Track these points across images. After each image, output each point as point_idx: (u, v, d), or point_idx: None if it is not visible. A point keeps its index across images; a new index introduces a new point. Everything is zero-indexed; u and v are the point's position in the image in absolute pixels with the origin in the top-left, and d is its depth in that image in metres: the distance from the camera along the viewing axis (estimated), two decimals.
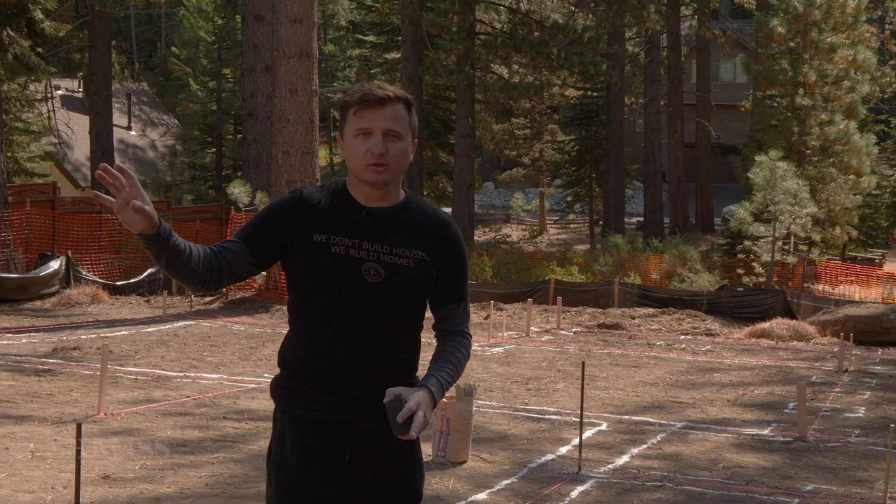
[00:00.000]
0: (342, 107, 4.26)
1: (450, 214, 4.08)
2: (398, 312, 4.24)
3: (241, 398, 12.98)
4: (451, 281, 4.37)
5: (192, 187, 47.68)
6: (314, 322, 4.17)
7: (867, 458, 10.99)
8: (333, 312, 4.15)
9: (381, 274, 4.17)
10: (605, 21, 42.07)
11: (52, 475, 9.02)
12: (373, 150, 4.20)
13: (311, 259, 4.15)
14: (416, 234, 4.29)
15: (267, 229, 4.20)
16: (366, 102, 4.21)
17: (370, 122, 4.21)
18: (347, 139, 4.24)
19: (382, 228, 4.24)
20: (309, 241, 4.16)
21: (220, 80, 44.15)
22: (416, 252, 4.26)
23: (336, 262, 4.15)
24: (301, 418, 4.15)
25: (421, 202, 4.38)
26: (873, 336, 21.54)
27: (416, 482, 4.33)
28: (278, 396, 4.25)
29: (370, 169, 4.20)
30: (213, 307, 23.49)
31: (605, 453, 10.75)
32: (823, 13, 36.10)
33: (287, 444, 4.17)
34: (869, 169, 37.01)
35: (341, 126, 4.29)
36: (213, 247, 4.19)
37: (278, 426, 4.23)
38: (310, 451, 4.13)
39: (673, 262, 31.61)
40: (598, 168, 51.54)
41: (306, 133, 24.20)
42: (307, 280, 4.17)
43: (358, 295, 4.16)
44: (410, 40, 39.46)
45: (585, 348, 19.17)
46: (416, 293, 4.29)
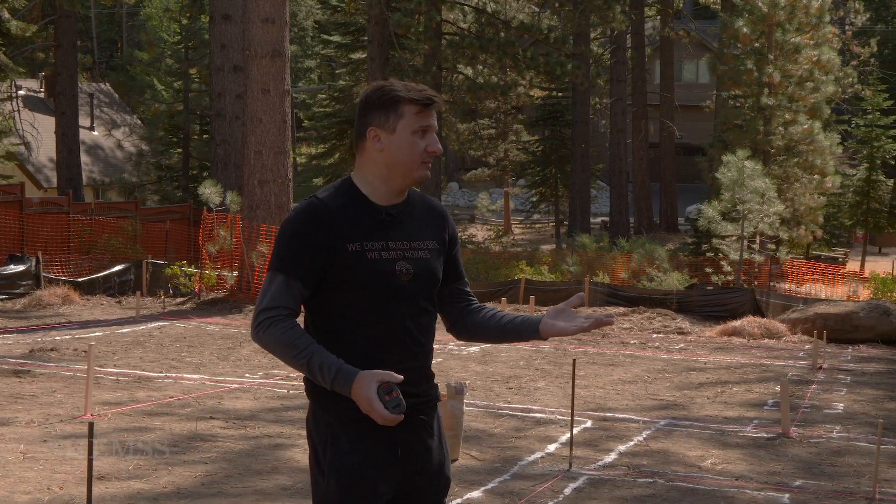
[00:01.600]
0: (390, 100, 4.23)
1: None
2: (427, 305, 4.36)
3: (226, 398, 12.98)
4: (455, 260, 4.52)
5: (158, 188, 47.47)
6: (356, 328, 4.21)
7: (850, 454, 11.12)
8: (374, 316, 4.21)
9: (410, 271, 4.25)
10: (570, 21, 42.23)
11: (47, 476, 9.01)
12: (432, 149, 4.26)
13: (349, 269, 4.18)
14: (424, 225, 4.39)
15: (313, 256, 4.17)
16: (430, 101, 4.25)
17: (429, 120, 4.27)
18: (402, 134, 4.23)
19: (399, 226, 4.31)
20: (344, 251, 4.18)
21: (187, 81, 44.00)
22: (429, 242, 4.37)
23: (374, 269, 4.19)
24: (352, 418, 4.18)
25: (412, 191, 4.45)
26: (843, 334, 21.70)
27: (447, 466, 4.46)
28: (322, 398, 4.26)
29: (424, 167, 4.26)
30: (185, 308, 23.42)
31: (592, 451, 10.82)
32: (788, 14, 36.33)
33: (342, 444, 4.20)
34: (833, 169, 37.29)
35: (385, 118, 4.25)
36: (290, 308, 4.18)
37: (325, 427, 4.25)
38: (368, 450, 4.20)
39: (641, 262, 31.75)
40: (564, 168, 51.72)
41: (278, 133, 24.16)
42: (347, 289, 4.20)
43: (395, 295, 4.23)
44: (377, 40, 39.44)
45: (560, 347, 19.25)
46: (437, 282, 4.41)
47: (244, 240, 24.05)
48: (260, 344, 4.20)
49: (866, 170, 46.87)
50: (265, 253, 23.64)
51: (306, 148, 66.66)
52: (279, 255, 4.22)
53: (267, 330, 4.14)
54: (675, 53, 58.90)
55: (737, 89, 39.07)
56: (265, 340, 4.17)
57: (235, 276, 24.38)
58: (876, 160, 46.95)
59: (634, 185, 53.02)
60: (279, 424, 11.47)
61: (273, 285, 4.19)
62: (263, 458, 9.95)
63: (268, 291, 4.20)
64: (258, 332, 4.18)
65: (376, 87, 4.31)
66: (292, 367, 4.17)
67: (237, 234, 24.47)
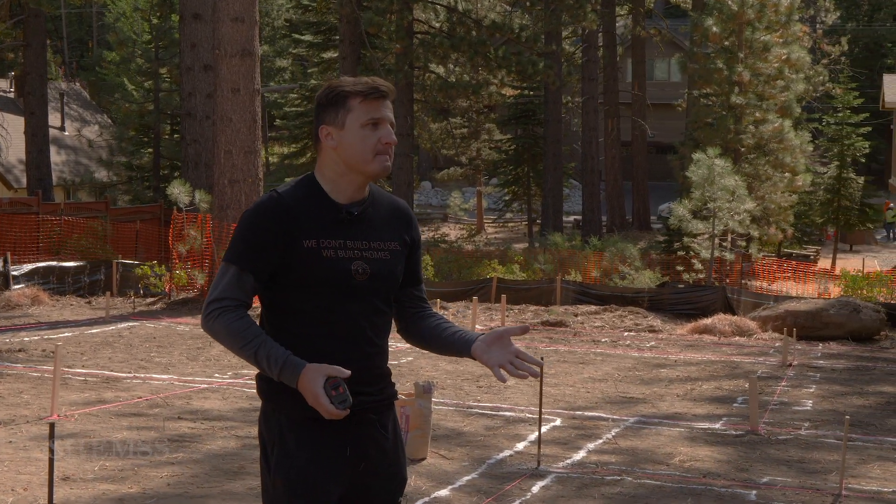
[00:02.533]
0: (337, 97, 4.23)
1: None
2: (382, 305, 4.34)
3: (194, 398, 12.92)
4: (414, 264, 4.49)
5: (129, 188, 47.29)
6: (310, 325, 4.19)
7: (819, 450, 11.15)
8: (328, 314, 4.18)
9: (367, 271, 4.23)
10: (542, 20, 42.28)
11: (11, 477, 8.94)
12: (385, 140, 4.23)
13: (303, 266, 4.15)
14: (386, 226, 4.36)
15: (266, 250, 4.16)
16: (378, 93, 4.22)
17: (379, 112, 4.23)
18: (352, 129, 4.21)
19: (359, 225, 4.28)
20: (299, 247, 4.15)
21: (157, 80, 43.86)
22: (390, 243, 4.34)
23: (329, 266, 4.17)
24: (301, 417, 4.17)
25: (378, 191, 4.43)
26: (813, 331, 21.77)
27: (403, 465, 4.44)
28: (273, 396, 4.25)
29: (379, 159, 4.22)
30: (155, 308, 23.33)
31: (561, 449, 10.82)
32: (757, 12, 36.44)
33: (290, 444, 4.18)
34: (804, 167, 37.45)
35: (335, 115, 4.24)
36: (239, 300, 4.17)
37: (275, 426, 4.23)
38: (315, 449, 4.17)
39: (613, 260, 31.81)
40: (536, 167, 51.77)
41: (249, 132, 24.08)
42: (301, 286, 4.17)
43: (349, 295, 4.20)
44: (348, 39, 39.38)
45: (532, 346, 19.24)
46: (395, 284, 4.39)
47: (214, 239, 23.97)
48: (209, 332, 4.20)
49: (837, 168, 47.06)
50: None
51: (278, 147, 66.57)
52: (234, 247, 4.20)
53: (216, 319, 4.13)
54: (647, 52, 59.03)
55: (708, 88, 39.19)
56: (214, 329, 4.16)
57: (206, 276, 24.28)
58: (846, 158, 47.15)
59: (607, 183, 53.11)
60: (248, 424, 11.43)
61: (226, 277, 4.18)
62: (232, 458, 9.91)
63: (220, 282, 4.18)
64: (207, 321, 4.18)
65: (326, 87, 4.32)
66: (241, 357, 4.16)
67: (207, 234, 24.38)
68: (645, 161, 55.63)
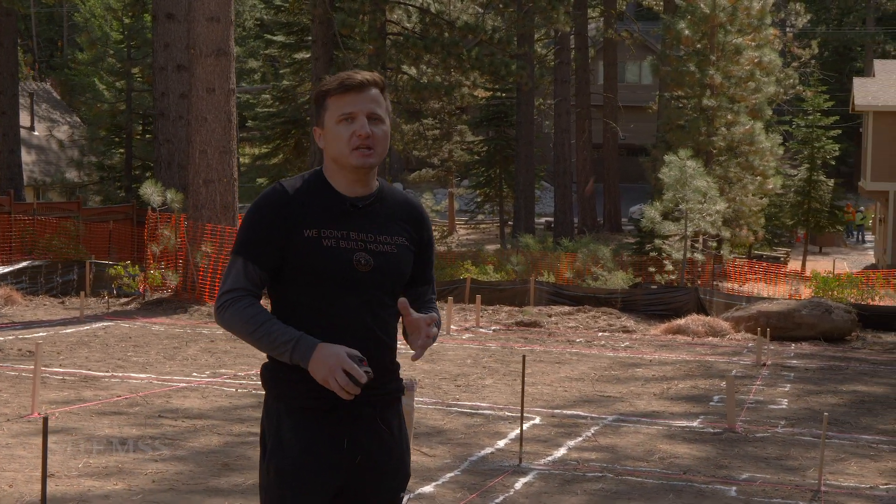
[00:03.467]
0: (319, 96, 4.32)
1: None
2: (386, 299, 4.34)
3: (174, 397, 12.93)
4: (424, 263, 4.50)
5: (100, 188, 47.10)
6: (310, 315, 4.22)
7: (795, 447, 11.26)
8: (329, 305, 4.21)
9: (370, 263, 4.25)
10: (514, 22, 42.35)
11: None
12: (359, 133, 4.26)
13: (304, 255, 4.19)
14: (395, 220, 4.38)
15: (269, 240, 4.21)
16: (346, 87, 4.27)
17: (353, 105, 4.27)
18: (329, 126, 4.28)
19: (365, 217, 4.31)
20: (300, 237, 4.19)
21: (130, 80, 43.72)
22: (398, 238, 4.36)
23: (329, 256, 4.20)
24: (300, 407, 4.21)
25: (391, 187, 4.47)
26: (785, 331, 21.93)
27: (406, 461, 4.45)
28: (274, 386, 4.29)
29: (357, 153, 4.26)
30: (129, 308, 23.28)
31: (542, 446, 10.89)
32: (729, 15, 36.65)
33: (285, 433, 4.22)
34: (774, 170, 37.65)
35: (319, 116, 4.32)
36: (249, 290, 4.22)
37: (273, 415, 4.28)
38: (310, 439, 4.20)
39: (585, 261, 31.91)
40: (508, 168, 51.83)
41: (224, 132, 24.06)
42: (302, 276, 4.21)
43: (352, 286, 4.23)
44: (321, 40, 39.34)
45: (507, 346, 19.32)
46: (402, 278, 4.40)
47: (189, 239, 23.94)
48: (222, 324, 4.24)
49: (807, 170, 47.33)
50: (210, 253, 23.55)
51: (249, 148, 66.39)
52: (239, 239, 4.27)
53: (227, 310, 4.19)
54: (618, 55, 59.22)
55: (679, 90, 39.37)
56: (226, 320, 4.21)
57: (180, 276, 24.25)
58: (816, 160, 47.42)
59: (578, 185, 53.24)
60: (229, 423, 11.45)
61: (233, 268, 4.24)
62: (214, 455, 9.94)
63: (229, 275, 4.25)
64: (219, 313, 4.23)
65: (315, 90, 4.40)
66: (254, 346, 4.19)
67: (181, 234, 24.35)
68: (616, 163, 55.80)
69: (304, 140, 44.87)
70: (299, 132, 46.22)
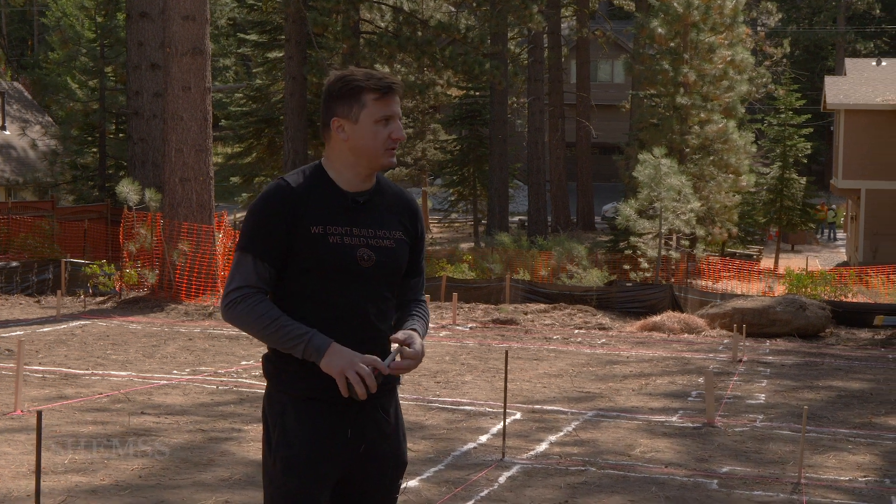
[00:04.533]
0: (353, 90, 4.32)
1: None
2: (386, 292, 4.42)
3: (155, 394, 12.95)
4: (417, 255, 4.58)
5: (74, 187, 46.90)
6: (314, 309, 4.29)
7: (774, 441, 11.37)
8: (334, 299, 4.28)
9: (372, 258, 4.33)
10: (488, 21, 42.42)
11: None
12: (395, 136, 4.36)
13: (310, 251, 4.26)
14: (392, 215, 4.46)
15: (276, 236, 4.26)
16: (388, 88, 4.33)
17: (392, 108, 4.36)
18: (365, 124, 4.32)
19: (366, 213, 4.38)
20: (307, 233, 4.26)
21: (103, 79, 43.57)
22: (395, 232, 4.44)
23: (335, 252, 4.27)
24: (304, 398, 4.27)
25: (385, 180, 4.53)
26: (760, 328, 22.07)
27: (403, 449, 4.53)
28: (277, 378, 4.35)
29: (388, 153, 4.36)
30: (106, 307, 23.24)
31: (523, 441, 10.97)
32: (702, 14, 36.80)
33: (290, 423, 4.28)
34: (747, 168, 37.85)
35: (348, 108, 4.33)
36: (259, 287, 4.27)
37: (277, 406, 4.33)
38: (315, 430, 4.27)
39: (561, 259, 32.01)
40: (481, 167, 51.90)
41: (200, 130, 24.05)
42: (307, 270, 4.28)
43: (355, 280, 4.30)
44: (294, 39, 39.31)
45: (485, 343, 19.39)
46: (400, 272, 4.49)
47: (165, 238, 23.92)
48: (230, 320, 4.29)
49: (779, 168, 47.60)
50: (186, 251, 23.54)
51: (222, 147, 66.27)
52: (246, 236, 4.31)
53: (237, 306, 4.24)
54: (591, 53, 59.42)
55: (652, 89, 39.52)
56: (234, 316, 4.26)
57: (156, 275, 24.22)
58: (789, 159, 47.70)
59: (552, 184, 53.38)
60: (212, 419, 11.49)
61: (242, 265, 4.28)
62: (199, 451, 9.98)
63: (236, 272, 4.29)
64: (229, 310, 4.27)
65: (338, 78, 4.39)
66: (264, 341, 4.25)
67: (158, 233, 24.33)
68: (589, 161, 55.99)
69: (278, 139, 44.83)
70: (272, 131, 46.16)
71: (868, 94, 44.90)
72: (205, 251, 23.79)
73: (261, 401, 11.96)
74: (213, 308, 22.44)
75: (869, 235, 43.39)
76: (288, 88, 38.68)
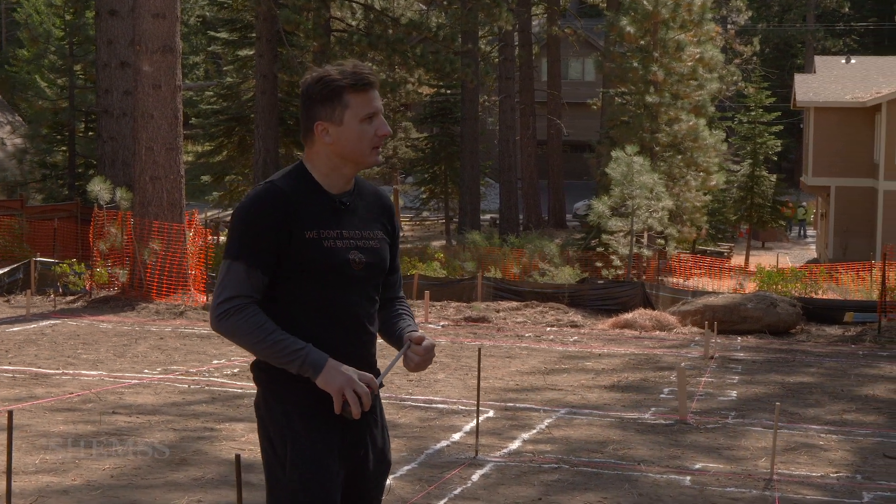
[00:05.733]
0: (334, 91, 4.23)
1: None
2: (374, 294, 4.41)
3: (126, 394, 12.89)
4: (395, 251, 4.57)
5: (43, 186, 46.64)
6: (308, 313, 4.25)
7: (746, 437, 11.41)
8: (328, 302, 4.24)
9: (362, 261, 4.29)
10: (458, 19, 42.43)
11: None
12: (381, 132, 4.28)
13: (305, 255, 4.19)
14: (372, 215, 4.43)
15: (270, 242, 4.17)
16: (366, 83, 4.25)
17: (374, 103, 4.27)
18: (351, 124, 4.24)
19: (351, 215, 4.34)
20: (302, 238, 4.19)
21: (72, 77, 43.34)
22: (378, 232, 4.41)
23: (329, 256, 4.22)
24: (308, 404, 4.23)
25: (361, 179, 4.49)
26: (731, 325, 22.14)
27: (389, 449, 4.52)
28: (274, 386, 4.27)
29: (375, 152, 4.29)
30: (76, 306, 23.11)
31: (497, 439, 10.96)
32: (671, 12, 36.87)
33: (300, 436, 4.22)
34: (718, 166, 37.96)
35: (331, 110, 4.25)
36: (252, 297, 4.17)
37: (280, 418, 4.25)
38: (324, 436, 4.24)
39: (532, 257, 32.04)
40: (453, 165, 51.91)
41: (170, 129, 23.95)
42: (303, 275, 4.22)
43: (348, 283, 4.26)
44: (265, 37, 39.20)
45: (457, 341, 19.39)
46: (385, 272, 4.46)
47: (136, 237, 23.81)
48: (222, 331, 4.18)
49: (749, 166, 47.82)
50: (157, 250, 23.44)
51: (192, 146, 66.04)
52: (237, 243, 4.19)
53: (230, 318, 4.14)
54: (562, 51, 59.49)
55: (623, 87, 39.59)
56: (227, 327, 4.15)
57: (127, 274, 24.11)
58: (759, 156, 47.92)
59: (523, 181, 53.42)
60: (184, 418, 11.44)
61: (232, 273, 4.17)
62: (171, 450, 9.93)
63: (227, 280, 4.18)
64: (221, 321, 4.16)
65: (316, 80, 4.29)
66: (257, 354, 4.17)
67: (128, 232, 24.21)
68: (560, 159, 56.05)
69: (248, 137, 44.68)
70: (243, 129, 46.00)
71: (837, 91, 45.12)
72: (176, 250, 23.69)
73: (232, 400, 11.97)
74: (184, 307, 22.35)
75: (839, 232, 43.61)
76: (259, 86, 38.59)
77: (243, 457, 8.94)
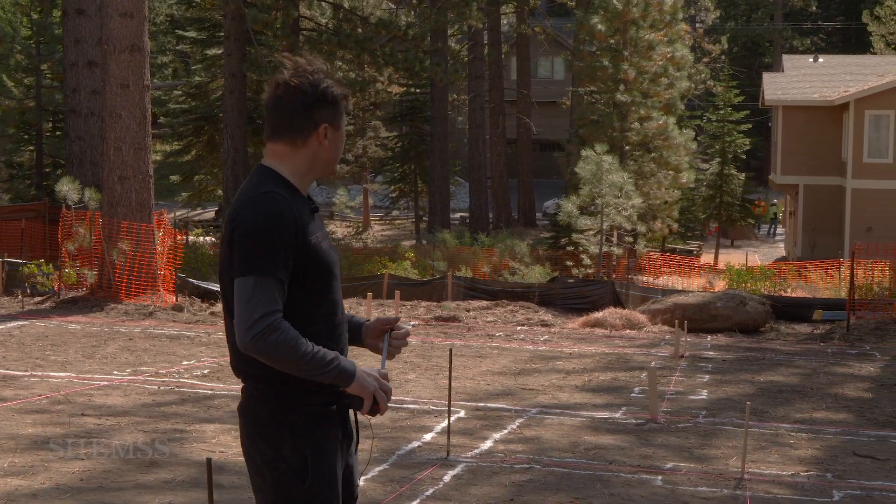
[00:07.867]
0: (335, 98, 4.28)
1: None
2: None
3: (96, 395, 12.81)
4: None
5: (10, 186, 46.37)
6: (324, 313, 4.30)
7: (717, 437, 11.44)
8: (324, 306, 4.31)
9: (338, 259, 4.37)
10: (428, 18, 42.41)
11: None
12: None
13: (313, 258, 4.22)
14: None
15: (290, 255, 4.14)
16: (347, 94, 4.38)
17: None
18: (342, 132, 4.37)
19: (318, 216, 4.39)
20: (307, 244, 4.21)
21: (39, 76, 43.09)
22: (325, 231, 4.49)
23: (329, 256, 4.31)
24: (315, 414, 4.27)
25: None
26: (701, 323, 22.21)
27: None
28: (285, 398, 4.24)
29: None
30: (44, 307, 22.96)
31: (468, 439, 10.95)
32: (642, 11, 36.97)
33: (318, 436, 4.25)
34: (687, 164, 38.06)
35: (333, 116, 4.30)
36: (282, 311, 4.11)
37: (288, 441, 4.23)
38: (334, 441, 4.32)
39: (503, 256, 32.07)
40: (423, 164, 51.89)
41: (139, 128, 23.82)
42: (313, 278, 4.23)
43: (336, 280, 4.38)
44: (233, 36, 39.09)
45: (427, 340, 19.36)
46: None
47: (104, 237, 23.67)
48: (262, 350, 4.05)
49: (718, 164, 47.97)
50: (126, 250, 23.30)
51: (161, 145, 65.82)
52: (261, 259, 4.10)
53: (271, 335, 4.02)
54: (531, 50, 59.52)
55: (592, 86, 39.66)
56: (269, 346, 4.03)
57: (96, 274, 23.98)
58: (728, 155, 48.08)
59: (493, 180, 53.46)
60: (153, 420, 11.38)
61: (261, 289, 4.07)
62: (141, 452, 9.88)
63: (258, 297, 4.07)
64: (262, 338, 4.02)
65: (319, 82, 4.27)
66: (295, 369, 4.08)
67: (97, 232, 24.08)
68: (530, 158, 56.12)
69: (217, 136, 44.57)
70: (212, 129, 45.91)
71: (805, 90, 45.29)
72: (145, 250, 23.56)
73: (203, 401, 11.91)
74: (154, 307, 22.23)
75: (807, 230, 43.79)
76: (227, 86, 38.49)
77: (214, 459, 8.89)
